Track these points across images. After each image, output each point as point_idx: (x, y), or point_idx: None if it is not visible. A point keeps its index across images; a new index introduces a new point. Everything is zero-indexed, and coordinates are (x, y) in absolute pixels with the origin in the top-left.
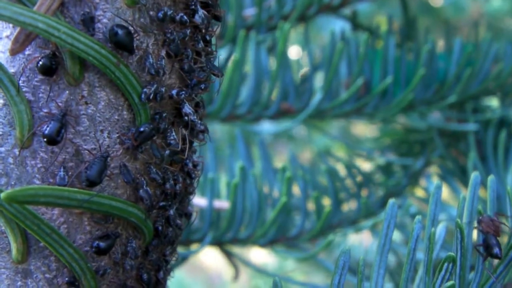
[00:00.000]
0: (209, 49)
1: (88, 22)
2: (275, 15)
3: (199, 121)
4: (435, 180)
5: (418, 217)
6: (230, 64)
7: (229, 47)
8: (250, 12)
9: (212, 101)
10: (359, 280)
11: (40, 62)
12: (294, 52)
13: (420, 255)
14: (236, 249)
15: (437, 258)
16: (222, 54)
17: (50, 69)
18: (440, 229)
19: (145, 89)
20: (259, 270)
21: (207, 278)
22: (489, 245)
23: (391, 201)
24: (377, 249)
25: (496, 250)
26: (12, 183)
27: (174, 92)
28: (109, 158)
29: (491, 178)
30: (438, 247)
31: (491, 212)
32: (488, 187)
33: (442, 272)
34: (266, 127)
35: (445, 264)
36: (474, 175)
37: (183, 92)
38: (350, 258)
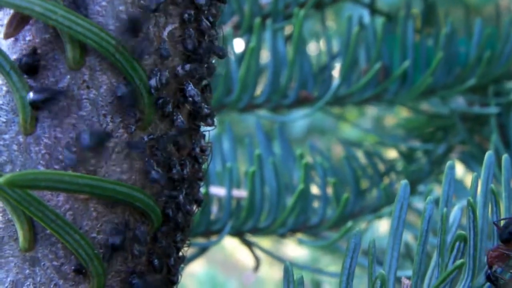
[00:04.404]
0: (213, 31)
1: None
2: (291, 3)
3: (205, 104)
4: (457, 165)
5: (429, 198)
6: (247, 52)
7: (246, 37)
8: (266, 0)
9: (230, 91)
10: (370, 262)
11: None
12: (313, 41)
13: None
14: (267, 244)
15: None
16: (239, 44)
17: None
18: (455, 211)
19: (151, 81)
20: (292, 262)
21: (241, 276)
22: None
23: (404, 181)
24: (390, 231)
25: None
26: (17, 170)
27: (177, 72)
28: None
29: (505, 156)
30: (454, 229)
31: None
32: (502, 166)
33: (454, 252)
34: (289, 117)
35: (457, 244)
36: (488, 154)
37: (186, 72)
38: (361, 241)
